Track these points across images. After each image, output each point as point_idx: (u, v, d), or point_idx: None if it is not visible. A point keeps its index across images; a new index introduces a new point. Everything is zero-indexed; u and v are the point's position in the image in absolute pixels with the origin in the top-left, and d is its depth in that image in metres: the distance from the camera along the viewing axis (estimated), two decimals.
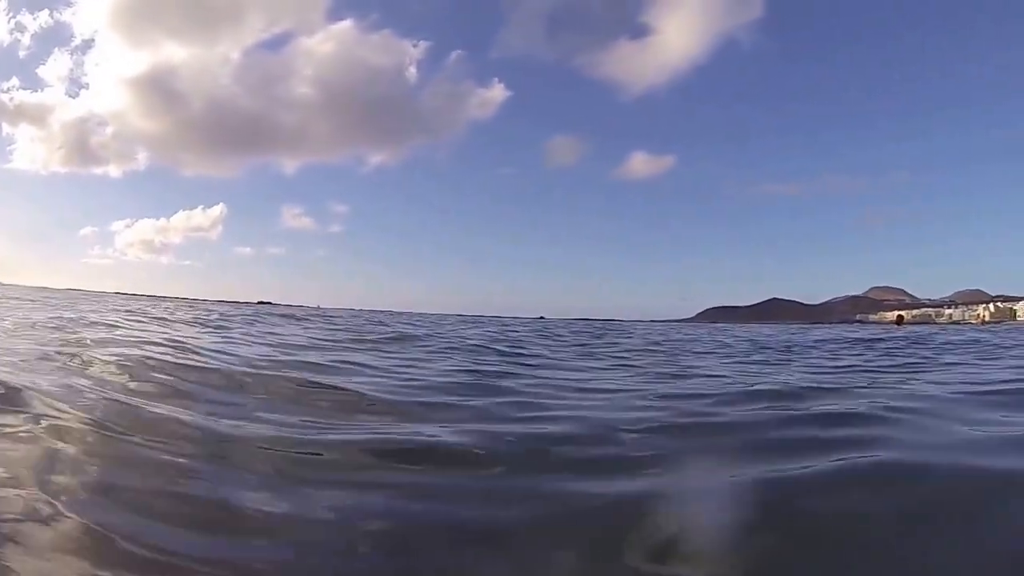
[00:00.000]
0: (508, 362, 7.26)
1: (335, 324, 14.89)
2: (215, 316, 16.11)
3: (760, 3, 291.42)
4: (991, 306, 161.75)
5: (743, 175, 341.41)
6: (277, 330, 11.21)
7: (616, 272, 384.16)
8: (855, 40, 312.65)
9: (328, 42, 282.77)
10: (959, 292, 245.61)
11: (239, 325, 12.33)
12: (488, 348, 9.18)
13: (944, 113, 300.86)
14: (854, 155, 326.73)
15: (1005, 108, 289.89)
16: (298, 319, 17.25)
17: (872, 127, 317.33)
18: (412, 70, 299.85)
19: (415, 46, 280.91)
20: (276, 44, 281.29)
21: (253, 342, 8.25)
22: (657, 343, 12.75)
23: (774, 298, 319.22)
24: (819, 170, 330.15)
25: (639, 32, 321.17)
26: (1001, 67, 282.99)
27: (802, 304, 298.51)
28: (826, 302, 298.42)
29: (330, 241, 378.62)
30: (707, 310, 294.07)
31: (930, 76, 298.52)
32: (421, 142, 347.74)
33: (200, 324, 11.98)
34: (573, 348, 10.37)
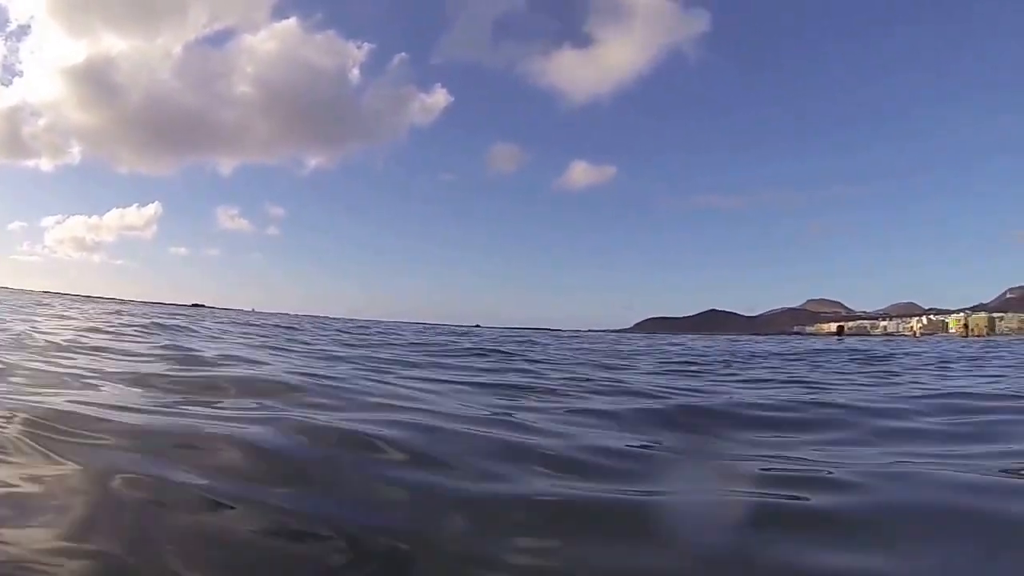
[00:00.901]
0: None
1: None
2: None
3: (707, 19, 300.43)
4: (924, 319, 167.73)
5: (684, 187, 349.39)
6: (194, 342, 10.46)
7: (555, 281, 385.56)
8: (798, 59, 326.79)
9: (271, 40, 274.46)
10: (893, 305, 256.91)
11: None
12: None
13: (878, 131, 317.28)
14: (793, 170, 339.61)
15: (938, 127, 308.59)
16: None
17: (810, 143, 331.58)
18: (355, 72, 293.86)
19: (359, 48, 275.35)
20: (218, 40, 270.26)
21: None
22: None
23: (713, 309, 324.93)
24: (758, 184, 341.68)
25: (584, 41, 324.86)
26: (939, 84, 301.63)
27: (741, 316, 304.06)
28: (764, 314, 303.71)
29: (266, 244, 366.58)
30: (645, 320, 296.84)
31: (867, 95, 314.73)
32: (361, 146, 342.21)
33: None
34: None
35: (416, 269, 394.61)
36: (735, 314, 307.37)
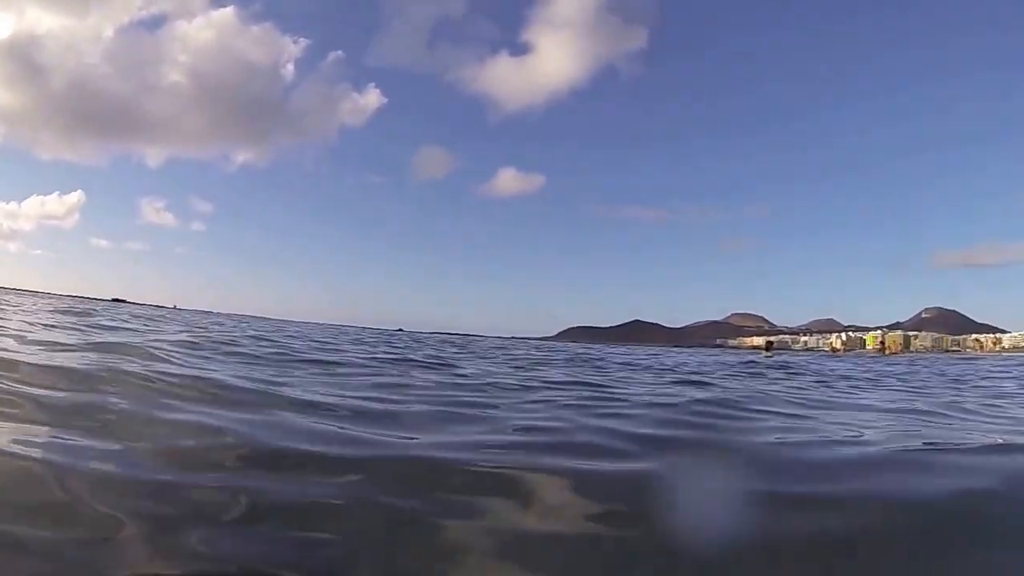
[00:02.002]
0: None
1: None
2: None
3: (644, 35, 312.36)
4: (843, 335, 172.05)
5: (611, 198, 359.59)
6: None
7: (480, 287, 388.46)
8: (729, 81, 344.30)
9: (207, 29, 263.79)
10: (814, 321, 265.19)
11: None
12: None
13: (803, 154, 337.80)
14: (715, 186, 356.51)
15: (860, 157, 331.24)
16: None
17: (732, 163, 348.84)
18: (289, 67, 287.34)
19: (295, 43, 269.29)
20: (152, 25, 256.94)
21: None
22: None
23: (637, 320, 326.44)
24: (683, 199, 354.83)
25: (520, 50, 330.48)
26: (866, 113, 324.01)
27: (665, 327, 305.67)
28: (688, 326, 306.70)
29: (191, 239, 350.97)
30: (569, 329, 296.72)
31: (792, 118, 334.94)
32: (290, 143, 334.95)
33: None
34: None
35: (342, 270, 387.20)
36: (659, 325, 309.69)
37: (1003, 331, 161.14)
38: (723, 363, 14.12)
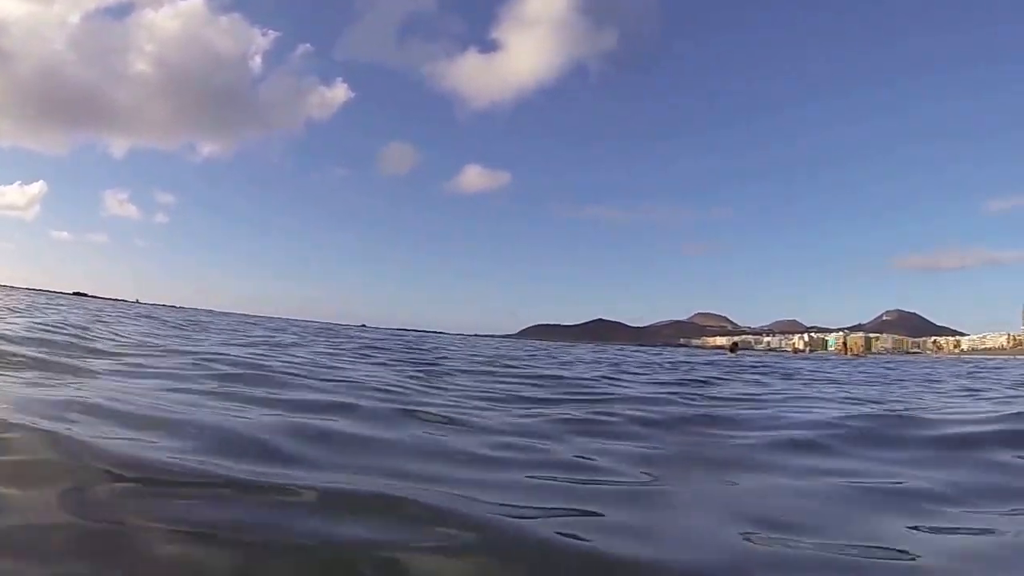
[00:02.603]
0: None
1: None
2: None
3: (615, 35, 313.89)
4: (806, 336, 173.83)
5: (576, 197, 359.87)
6: None
7: (444, 284, 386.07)
8: (696, 82, 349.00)
9: (175, 18, 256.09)
10: (777, 322, 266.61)
11: None
12: None
13: (767, 156, 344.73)
14: (683, 187, 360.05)
15: (823, 160, 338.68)
16: None
17: (701, 163, 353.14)
18: (257, 59, 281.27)
19: (264, 35, 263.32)
20: (119, 12, 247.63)
21: None
22: None
23: (600, 319, 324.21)
24: (648, 199, 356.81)
25: (490, 47, 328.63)
26: (827, 115, 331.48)
27: (628, 326, 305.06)
28: (652, 325, 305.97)
29: (154, 232, 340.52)
30: (531, 327, 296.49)
31: (756, 119, 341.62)
32: (256, 136, 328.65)
33: None
34: None
35: (306, 265, 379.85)
36: (623, 324, 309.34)
37: (962, 334, 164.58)
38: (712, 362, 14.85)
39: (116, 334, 8.88)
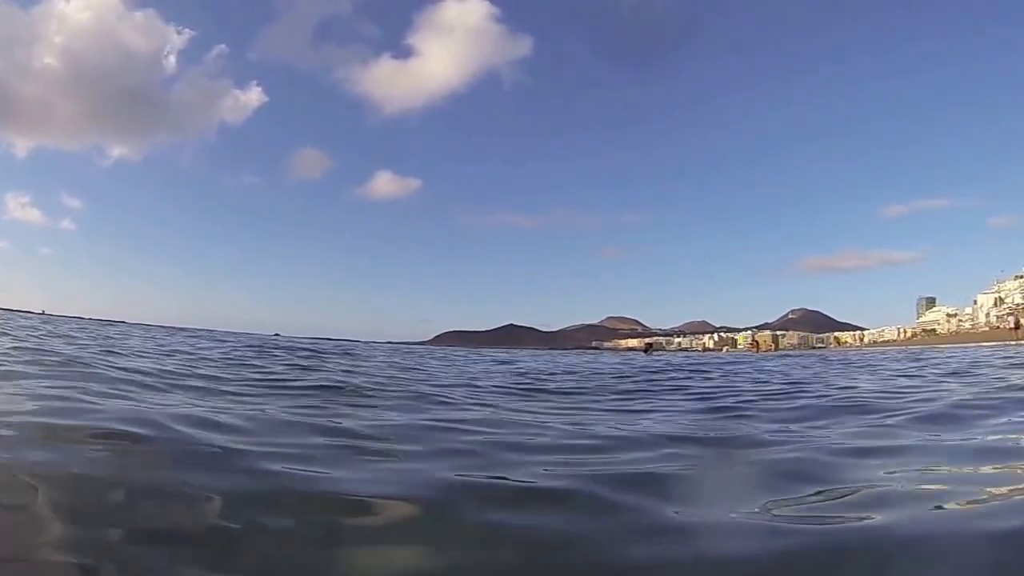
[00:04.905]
0: None
1: None
2: None
3: (529, 44, 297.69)
4: (715, 336, 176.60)
5: (486, 204, 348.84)
6: None
7: (356, 291, 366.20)
8: (604, 93, 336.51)
9: (86, 11, 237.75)
10: (687, 323, 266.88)
11: None
12: None
13: (674, 161, 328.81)
14: (590, 194, 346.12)
15: (726, 166, 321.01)
16: None
17: (610, 170, 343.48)
18: (171, 59, 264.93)
19: (179, 33, 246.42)
20: (25, 0, 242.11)
21: None
22: None
23: (511, 324, 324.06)
24: (557, 205, 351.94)
25: (404, 53, 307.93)
26: (732, 126, 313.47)
27: (540, 331, 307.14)
28: (564, 329, 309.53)
29: (60, 238, 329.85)
30: (444, 334, 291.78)
31: (662, 128, 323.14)
32: (167, 139, 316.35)
33: None
34: None
35: (219, 273, 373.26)
36: (534, 329, 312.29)
37: (862, 328, 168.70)
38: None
39: None
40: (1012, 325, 49.97)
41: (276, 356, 10.25)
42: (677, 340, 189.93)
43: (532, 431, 3.56)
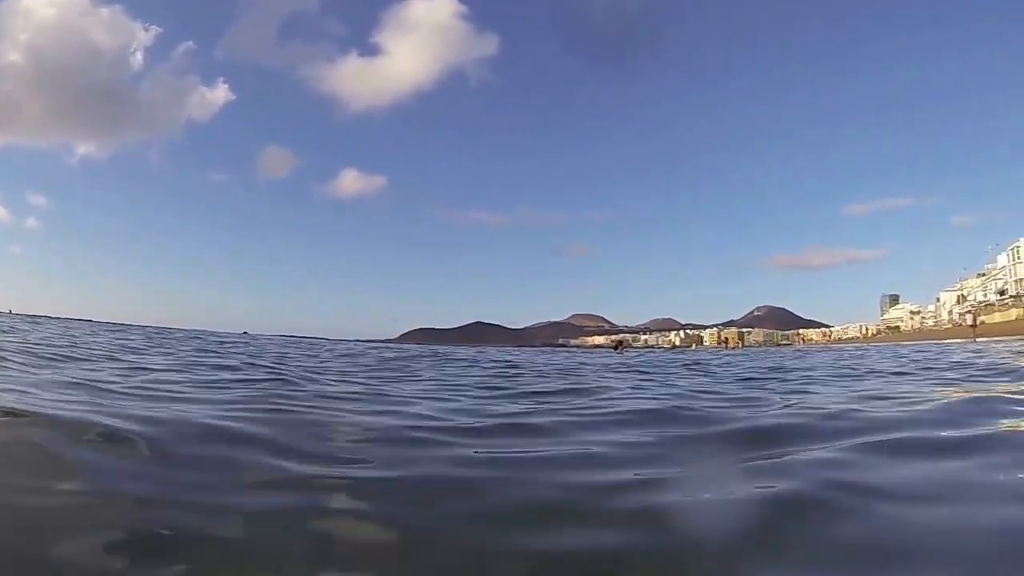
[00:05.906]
0: None
1: None
2: None
3: (495, 43, 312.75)
4: (682, 333, 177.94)
5: (452, 201, 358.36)
6: None
7: (323, 289, 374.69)
8: (570, 91, 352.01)
9: (51, 7, 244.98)
10: (653, 320, 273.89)
11: None
12: None
13: (640, 159, 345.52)
14: (556, 191, 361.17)
15: (692, 166, 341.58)
16: None
17: (577, 168, 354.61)
18: (138, 56, 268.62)
19: (146, 30, 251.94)
20: None
21: None
22: None
23: (479, 322, 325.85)
24: (523, 202, 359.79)
25: (370, 51, 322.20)
26: (700, 129, 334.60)
27: (507, 328, 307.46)
28: (529, 327, 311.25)
29: (26, 236, 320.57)
30: (412, 331, 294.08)
31: (629, 126, 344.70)
32: (135, 137, 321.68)
33: None
34: None
35: (186, 272, 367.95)
36: (500, 326, 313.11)
37: (827, 326, 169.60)
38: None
39: None
40: (970, 323, 51.31)
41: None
42: (643, 338, 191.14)
43: None
